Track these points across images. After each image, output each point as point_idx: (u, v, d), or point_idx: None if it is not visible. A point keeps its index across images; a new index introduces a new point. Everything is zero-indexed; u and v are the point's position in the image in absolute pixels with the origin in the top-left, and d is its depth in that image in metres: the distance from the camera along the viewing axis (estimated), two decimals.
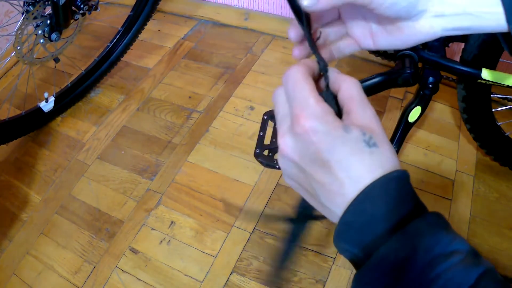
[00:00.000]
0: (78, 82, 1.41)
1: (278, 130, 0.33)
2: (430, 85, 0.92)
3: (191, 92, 1.44)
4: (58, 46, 1.20)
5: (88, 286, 1.03)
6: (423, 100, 0.96)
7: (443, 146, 1.23)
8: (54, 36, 1.13)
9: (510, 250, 1.03)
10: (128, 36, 1.43)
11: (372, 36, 0.38)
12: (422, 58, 0.89)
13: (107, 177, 1.24)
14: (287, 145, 0.32)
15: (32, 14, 1.05)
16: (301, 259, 1.03)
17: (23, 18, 1.05)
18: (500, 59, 0.88)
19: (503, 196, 1.13)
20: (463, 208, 1.10)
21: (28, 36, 1.09)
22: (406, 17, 0.34)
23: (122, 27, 1.42)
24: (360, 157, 0.30)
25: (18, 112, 1.28)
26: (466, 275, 0.27)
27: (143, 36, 1.51)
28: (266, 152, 0.99)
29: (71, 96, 1.40)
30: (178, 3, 1.73)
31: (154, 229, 1.12)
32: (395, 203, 0.30)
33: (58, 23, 1.11)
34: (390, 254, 0.28)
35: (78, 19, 1.17)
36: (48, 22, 1.10)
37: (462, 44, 0.92)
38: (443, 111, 1.32)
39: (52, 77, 1.53)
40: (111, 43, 1.42)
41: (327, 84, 0.34)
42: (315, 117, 0.30)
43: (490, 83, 0.87)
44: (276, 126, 0.34)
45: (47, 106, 1.33)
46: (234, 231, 1.09)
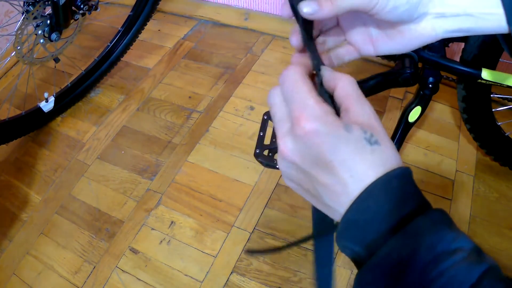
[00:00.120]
0: (78, 82, 1.41)
1: (276, 132, 0.33)
2: (430, 85, 0.92)
3: (191, 92, 1.44)
4: (58, 46, 1.20)
5: (88, 286, 1.03)
6: (423, 100, 0.96)
7: (443, 146, 1.23)
8: (54, 36, 1.13)
9: (510, 250, 1.03)
10: (128, 36, 1.43)
11: (372, 42, 0.37)
12: (422, 58, 0.89)
13: (107, 177, 1.24)
14: (288, 147, 0.31)
15: (32, 14, 1.05)
16: (301, 259, 1.03)
17: (23, 18, 1.05)
18: (500, 59, 0.88)
19: (503, 196, 1.13)
20: (463, 208, 1.10)
21: (28, 36, 1.09)
22: (408, 20, 0.34)
23: (122, 27, 1.42)
24: (362, 156, 0.30)
25: (18, 112, 1.28)
26: (468, 273, 0.27)
27: (143, 36, 1.51)
28: (266, 152, 0.99)
29: (71, 96, 1.40)
30: (178, 3, 1.73)
31: (154, 229, 1.12)
32: (397, 201, 0.29)
33: (58, 23, 1.11)
34: (393, 252, 0.28)
35: (78, 19, 1.17)
36: (48, 22, 1.10)
37: (462, 44, 0.92)
38: (443, 111, 1.32)
39: (52, 77, 1.53)
40: (111, 43, 1.42)
41: (320, 83, 0.33)
42: (315, 118, 0.30)
43: (490, 83, 0.87)
44: (274, 128, 0.34)
45: (47, 106, 1.33)
46: (234, 231, 1.09)
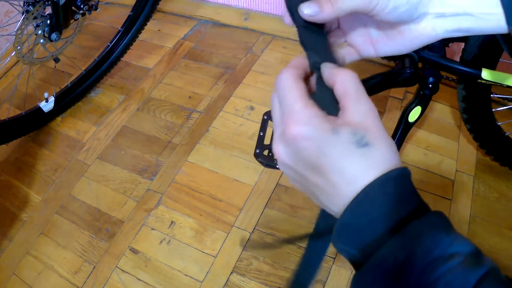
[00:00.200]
0: (78, 82, 1.41)
1: (273, 135, 0.34)
2: (430, 85, 0.92)
3: (191, 92, 1.44)
4: (58, 46, 1.20)
5: (88, 286, 1.03)
6: (423, 100, 0.96)
7: (443, 146, 1.23)
8: (54, 36, 1.13)
9: (510, 250, 1.03)
10: (128, 36, 1.43)
11: (372, 43, 0.37)
12: (422, 58, 0.89)
13: (107, 177, 1.24)
14: (280, 151, 0.32)
15: (32, 14, 1.05)
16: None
17: (23, 18, 1.05)
18: (500, 59, 0.88)
19: (503, 196, 1.13)
20: (463, 208, 1.10)
21: (28, 36, 1.09)
22: (408, 20, 0.34)
23: (122, 27, 1.42)
24: (351, 159, 0.29)
25: (18, 112, 1.28)
26: (465, 278, 0.27)
27: (143, 36, 1.51)
28: (266, 152, 1.00)
29: (71, 96, 1.40)
30: (178, 3, 1.73)
31: (154, 229, 1.12)
32: (394, 203, 0.29)
33: (58, 23, 1.11)
34: (389, 256, 0.28)
35: (78, 19, 1.17)
36: (48, 22, 1.10)
37: (462, 44, 0.92)
38: (443, 111, 1.32)
39: (52, 77, 1.53)
40: (111, 43, 1.42)
41: (317, 82, 0.33)
42: (301, 122, 0.30)
43: (490, 83, 0.87)
44: (273, 130, 0.35)
45: (47, 106, 1.33)
46: (234, 231, 1.09)
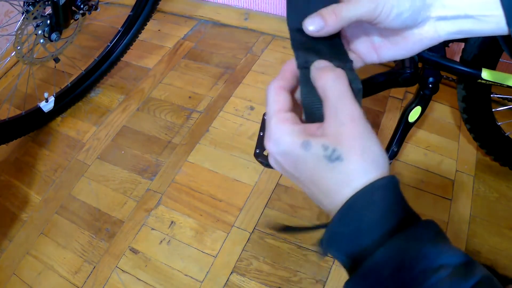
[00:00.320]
0: (78, 82, 1.41)
1: None
2: (430, 85, 0.92)
3: (191, 92, 1.44)
4: (58, 46, 1.20)
5: (88, 286, 1.03)
6: (423, 100, 0.96)
7: (443, 146, 1.23)
8: (54, 36, 1.13)
9: (510, 250, 1.03)
10: (128, 36, 1.43)
11: (375, 49, 0.38)
12: (422, 58, 0.89)
13: (107, 177, 1.24)
14: (271, 161, 0.33)
15: (32, 14, 1.05)
16: (301, 259, 1.03)
17: (23, 18, 1.05)
18: (500, 59, 0.88)
19: (503, 196, 1.13)
20: (463, 208, 1.10)
21: (28, 36, 1.09)
22: (412, 25, 0.34)
23: (122, 27, 1.42)
24: (322, 174, 0.29)
25: (18, 112, 1.28)
26: None
27: (143, 36, 1.51)
28: (266, 152, 0.99)
29: (71, 96, 1.40)
30: (178, 3, 1.73)
31: (154, 229, 1.12)
32: (380, 214, 0.29)
33: (58, 23, 1.11)
34: (377, 267, 0.28)
35: (78, 19, 1.17)
36: (48, 22, 1.10)
37: (462, 44, 0.92)
38: (443, 111, 1.32)
39: (52, 77, 1.53)
40: (111, 43, 1.42)
41: (305, 84, 0.33)
42: (273, 139, 0.31)
43: (490, 83, 0.87)
44: None
45: (47, 106, 1.33)
46: (234, 231, 1.09)
